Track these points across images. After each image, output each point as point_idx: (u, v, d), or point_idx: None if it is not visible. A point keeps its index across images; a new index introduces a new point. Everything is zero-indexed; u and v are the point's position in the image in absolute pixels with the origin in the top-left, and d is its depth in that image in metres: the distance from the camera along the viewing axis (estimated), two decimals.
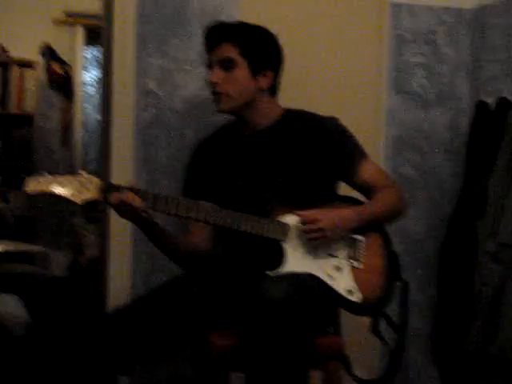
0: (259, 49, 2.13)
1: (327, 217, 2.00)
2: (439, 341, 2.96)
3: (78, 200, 1.87)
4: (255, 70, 2.11)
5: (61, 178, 1.86)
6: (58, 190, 1.86)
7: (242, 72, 2.10)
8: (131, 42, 2.56)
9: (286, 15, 2.76)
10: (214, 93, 2.12)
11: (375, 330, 2.15)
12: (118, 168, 2.56)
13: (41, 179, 1.86)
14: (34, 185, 1.86)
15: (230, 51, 2.09)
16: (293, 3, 2.80)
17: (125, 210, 1.90)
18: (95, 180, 1.88)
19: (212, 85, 2.11)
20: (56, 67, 5.23)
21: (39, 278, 3.60)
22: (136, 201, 1.87)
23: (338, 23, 2.84)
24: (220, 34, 2.13)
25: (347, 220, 2.04)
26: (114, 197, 1.87)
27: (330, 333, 2.17)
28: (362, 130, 2.32)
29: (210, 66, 2.14)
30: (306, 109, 2.24)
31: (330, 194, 2.18)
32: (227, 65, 2.09)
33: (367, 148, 2.22)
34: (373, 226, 2.11)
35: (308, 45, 2.79)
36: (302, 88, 2.73)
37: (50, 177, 1.86)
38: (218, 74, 2.10)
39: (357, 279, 2.04)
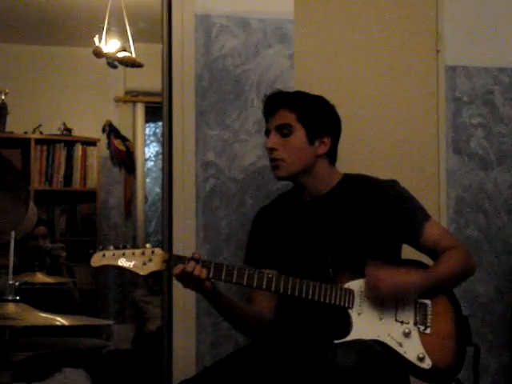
0: (316, 115, 2.15)
1: (389, 279, 1.98)
2: None
3: (142, 272, 1.91)
4: (312, 136, 2.13)
5: (125, 251, 1.92)
6: (123, 263, 1.91)
7: (298, 138, 2.12)
8: (191, 115, 2.62)
9: (342, 83, 2.79)
10: (272, 160, 2.14)
11: None
12: (180, 238, 2.58)
13: (106, 253, 1.92)
14: (99, 259, 1.92)
15: (287, 117, 2.13)
16: (348, 70, 2.83)
17: (188, 280, 1.92)
18: (159, 252, 1.93)
19: (269, 151, 2.14)
20: (118, 143, 5.40)
21: (104, 351, 3.62)
22: (199, 271, 1.90)
23: (395, 87, 2.86)
24: (278, 101, 2.17)
25: (411, 285, 2.00)
26: (178, 268, 1.90)
27: None
28: (424, 192, 2.32)
29: (268, 133, 2.18)
30: (366, 172, 2.24)
31: (395, 257, 2.15)
32: (284, 131, 2.12)
33: (430, 210, 2.20)
34: (440, 289, 2.07)
35: (366, 109, 2.81)
36: (361, 152, 2.74)
37: (114, 250, 1.92)
38: (274, 140, 2.13)
39: (426, 345, 1.99)
